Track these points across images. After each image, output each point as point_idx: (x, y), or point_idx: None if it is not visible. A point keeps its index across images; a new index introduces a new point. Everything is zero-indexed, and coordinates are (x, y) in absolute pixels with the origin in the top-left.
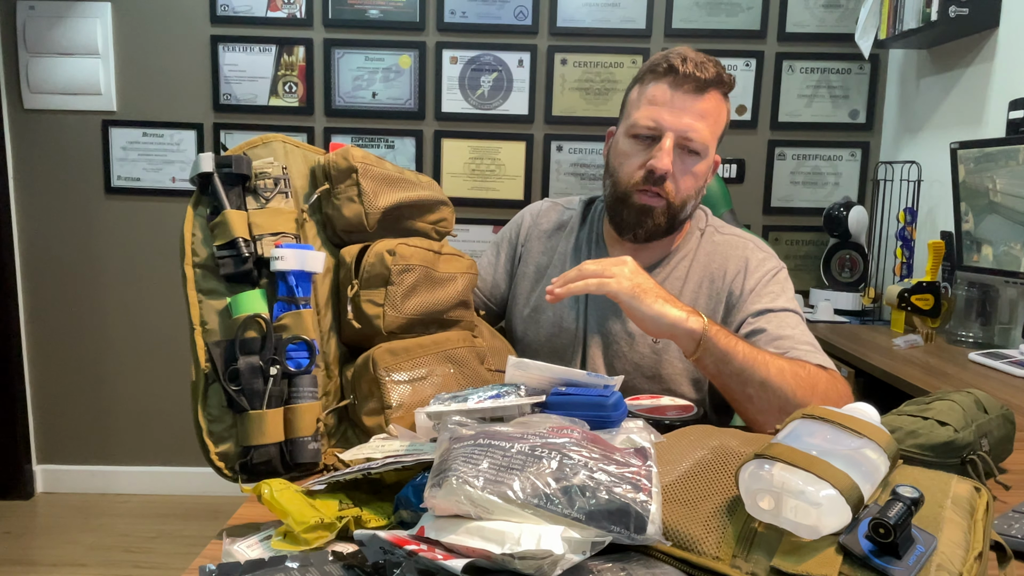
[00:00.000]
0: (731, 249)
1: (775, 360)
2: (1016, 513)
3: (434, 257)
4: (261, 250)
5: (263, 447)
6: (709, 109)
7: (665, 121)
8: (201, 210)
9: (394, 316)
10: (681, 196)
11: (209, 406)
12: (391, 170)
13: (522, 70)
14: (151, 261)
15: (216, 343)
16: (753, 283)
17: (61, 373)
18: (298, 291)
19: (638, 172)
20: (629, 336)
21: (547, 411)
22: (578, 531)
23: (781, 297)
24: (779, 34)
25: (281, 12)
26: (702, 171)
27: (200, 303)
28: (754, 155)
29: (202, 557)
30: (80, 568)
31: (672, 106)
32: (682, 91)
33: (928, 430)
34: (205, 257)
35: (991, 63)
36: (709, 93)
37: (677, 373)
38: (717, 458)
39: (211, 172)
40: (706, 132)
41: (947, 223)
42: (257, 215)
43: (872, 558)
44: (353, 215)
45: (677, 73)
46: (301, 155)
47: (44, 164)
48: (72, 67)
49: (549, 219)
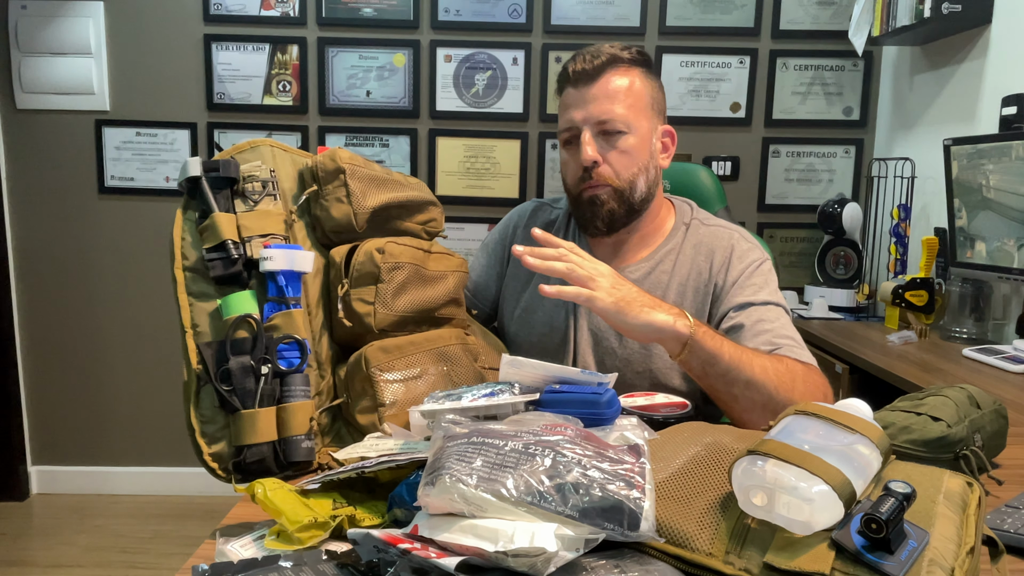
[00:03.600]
0: (717, 240)
1: (759, 358)
2: (1009, 508)
3: (424, 255)
4: (250, 252)
5: (256, 446)
6: (615, 88)
7: (576, 118)
8: (190, 214)
9: (385, 314)
10: (623, 176)
11: (201, 407)
12: (379, 171)
13: (516, 68)
14: (145, 261)
15: (207, 344)
16: (736, 275)
17: (55, 374)
18: (288, 291)
19: (577, 172)
20: (618, 333)
21: (541, 409)
22: (572, 528)
23: (764, 290)
24: (773, 31)
25: (274, 11)
26: (635, 145)
27: (191, 306)
28: (748, 152)
29: (196, 557)
30: (75, 569)
31: (578, 102)
32: (580, 85)
33: (921, 426)
34: (195, 260)
35: (984, 59)
36: (607, 74)
37: (667, 367)
38: (710, 455)
39: (199, 176)
40: (618, 109)
41: (941, 219)
42: (246, 217)
43: (865, 553)
44: (342, 216)
45: (571, 73)
46: (289, 159)
47: (37, 164)
48: (65, 66)
49: (537, 219)
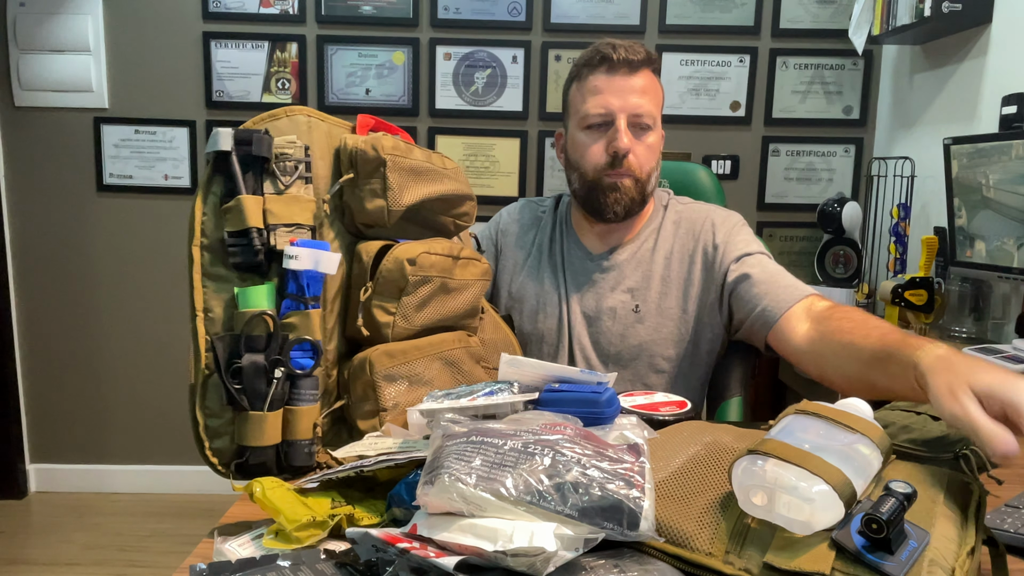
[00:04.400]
0: (695, 215)
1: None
2: (1009, 508)
3: (451, 264)
4: (274, 241)
5: (260, 449)
6: (647, 85)
7: (613, 105)
8: (215, 189)
9: (404, 328)
10: (645, 169)
11: (207, 400)
12: (419, 158)
13: (516, 66)
14: (144, 259)
15: (220, 337)
16: (724, 235)
17: (54, 372)
18: (308, 291)
19: (601, 157)
20: (611, 310)
21: (540, 408)
22: (571, 528)
23: (753, 243)
24: (773, 30)
25: (274, 8)
26: (655, 143)
27: (204, 288)
28: (748, 151)
29: (194, 556)
30: (74, 567)
31: (614, 90)
32: (619, 75)
33: (921, 425)
34: (214, 240)
35: (984, 59)
36: (643, 71)
37: (661, 338)
38: (710, 454)
39: (229, 152)
40: (650, 106)
41: (940, 219)
42: (274, 202)
43: (865, 553)
44: (375, 209)
45: (611, 60)
46: (325, 130)
47: (36, 162)
48: (63, 64)
49: (524, 216)
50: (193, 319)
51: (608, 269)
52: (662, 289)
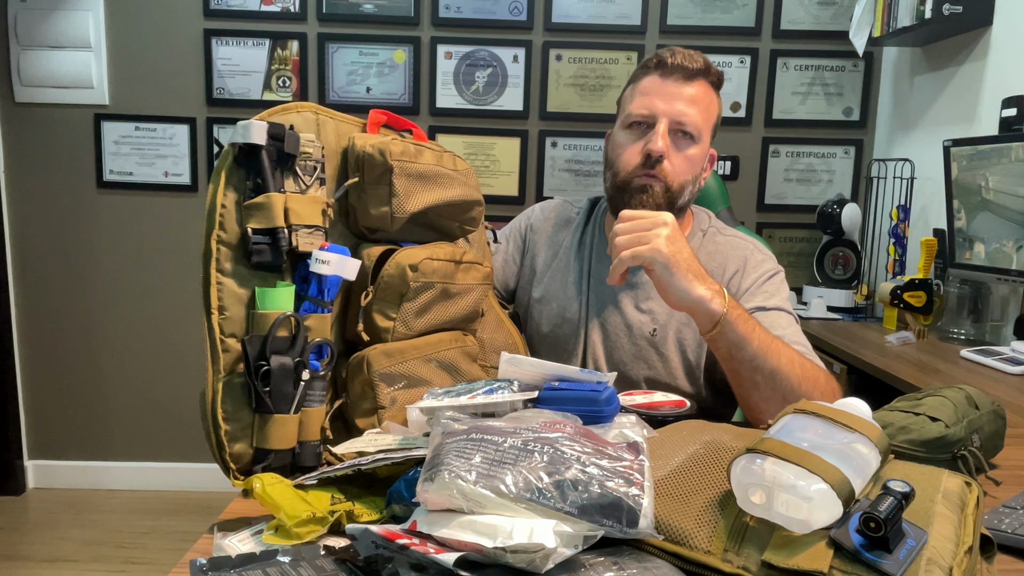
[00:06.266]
0: (731, 250)
1: (787, 350)
2: (1006, 508)
3: (454, 268)
4: (296, 241)
5: (282, 451)
6: (699, 96)
7: (657, 108)
8: (236, 182)
9: (403, 332)
10: (678, 179)
11: (225, 402)
12: (428, 162)
13: (517, 66)
14: (143, 256)
15: (248, 339)
16: (749, 283)
17: (53, 368)
18: (327, 294)
19: (635, 158)
20: (627, 328)
21: (540, 406)
22: (570, 525)
23: (775, 297)
24: (774, 31)
25: (275, 6)
26: (696, 156)
27: (219, 285)
28: (748, 152)
29: (193, 552)
30: (72, 563)
31: (663, 93)
32: (672, 80)
33: (919, 426)
34: (233, 235)
35: (984, 61)
36: (697, 81)
37: (674, 366)
38: (709, 453)
39: (261, 146)
40: (698, 117)
41: (940, 220)
42: (295, 201)
43: (863, 552)
44: (379, 215)
45: (666, 65)
46: (333, 127)
47: (36, 158)
48: (64, 60)
49: (557, 214)
50: (208, 316)
51: (634, 286)
52: (684, 319)
